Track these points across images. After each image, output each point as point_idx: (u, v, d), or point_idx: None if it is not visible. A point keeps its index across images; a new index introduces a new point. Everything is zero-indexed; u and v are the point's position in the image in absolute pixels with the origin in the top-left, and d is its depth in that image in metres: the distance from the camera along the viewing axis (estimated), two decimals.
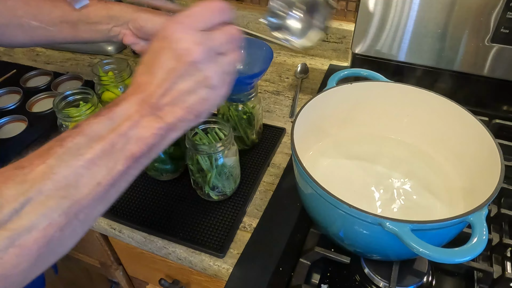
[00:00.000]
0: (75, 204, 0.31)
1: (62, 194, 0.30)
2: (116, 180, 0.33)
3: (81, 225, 0.33)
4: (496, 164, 0.47)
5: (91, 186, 0.32)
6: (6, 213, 0.28)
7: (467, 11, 0.69)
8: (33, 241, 0.29)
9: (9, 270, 0.28)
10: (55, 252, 0.32)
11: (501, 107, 0.78)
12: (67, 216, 0.30)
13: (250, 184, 0.66)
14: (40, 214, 0.29)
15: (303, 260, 0.55)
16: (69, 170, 0.31)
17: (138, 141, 0.34)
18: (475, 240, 0.39)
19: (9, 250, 0.28)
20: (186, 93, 0.35)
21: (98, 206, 0.33)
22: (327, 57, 1.00)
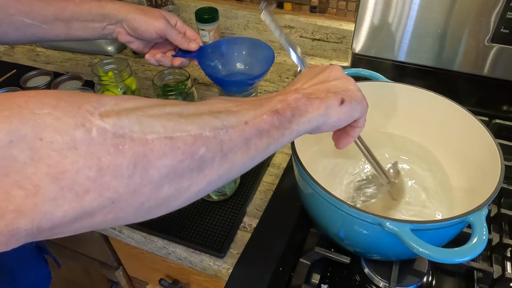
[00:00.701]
0: (224, 128, 0.32)
1: (215, 115, 0.32)
2: (261, 128, 0.35)
3: (222, 159, 0.32)
4: (496, 164, 0.47)
5: (239, 120, 0.33)
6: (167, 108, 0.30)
7: (467, 11, 0.69)
8: (183, 141, 0.29)
9: (153, 156, 0.27)
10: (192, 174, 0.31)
11: (501, 107, 0.78)
12: (215, 136, 0.31)
13: (250, 184, 0.66)
14: (194, 121, 0.30)
15: (303, 260, 0.55)
16: (222, 104, 0.34)
17: (282, 101, 0.37)
18: (475, 240, 0.39)
19: (161, 136, 0.28)
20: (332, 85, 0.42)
21: (239, 149, 0.33)
22: (327, 57, 1.00)
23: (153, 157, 0.27)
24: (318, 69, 0.44)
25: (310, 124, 0.38)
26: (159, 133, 0.28)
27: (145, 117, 0.28)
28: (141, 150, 0.27)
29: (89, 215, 0.26)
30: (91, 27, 0.64)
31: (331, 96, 0.39)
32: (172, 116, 0.29)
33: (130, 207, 0.28)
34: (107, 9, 0.63)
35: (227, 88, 0.66)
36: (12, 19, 0.62)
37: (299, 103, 0.37)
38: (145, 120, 0.28)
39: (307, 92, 0.39)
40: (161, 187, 0.29)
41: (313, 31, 0.97)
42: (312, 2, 0.96)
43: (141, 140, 0.27)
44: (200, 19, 0.91)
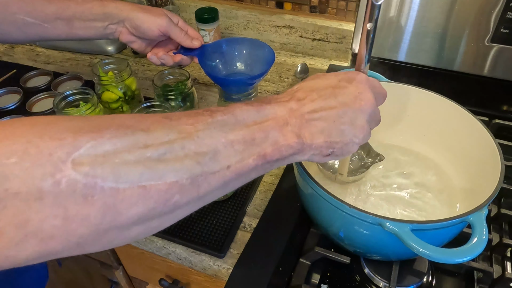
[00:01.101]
0: (203, 175, 0.30)
1: (198, 159, 0.30)
2: (241, 172, 0.33)
3: (197, 201, 0.32)
4: (496, 164, 0.47)
5: (222, 165, 0.31)
6: (148, 152, 0.28)
7: (467, 11, 0.69)
8: (157, 190, 0.28)
9: (123, 206, 0.27)
10: (164, 217, 0.31)
11: (501, 107, 0.78)
12: (192, 182, 0.30)
13: (250, 184, 0.66)
14: (174, 167, 0.29)
15: (303, 260, 0.55)
16: (212, 141, 0.31)
17: (274, 144, 0.34)
18: (475, 240, 0.39)
19: (135, 186, 0.27)
20: (339, 131, 0.37)
21: (216, 191, 0.33)
22: (327, 57, 1.00)
23: (123, 207, 0.27)
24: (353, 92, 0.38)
25: (286, 164, 0.38)
26: (133, 182, 0.27)
27: (122, 165, 0.26)
28: (111, 201, 0.26)
29: (53, 255, 0.26)
30: (92, 27, 0.64)
31: (323, 147, 0.36)
32: (151, 162, 0.28)
33: (97, 246, 0.28)
34: (109, 8, 0.63)
35: (227, 88, 0.66)
36: (13, 17, 0.62)
37: (289, 151, 0.35)
38: (121, 169, 0.26)
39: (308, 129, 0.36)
40: (129, 229, 0.29)
41: (313, 31, 0.97)
42: (312, 2, 0.96)
43: (112, 190, 0.26)
44: (200, 19, 0.91)
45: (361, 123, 0.38)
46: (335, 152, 0.37)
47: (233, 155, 0.32)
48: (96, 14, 0.63)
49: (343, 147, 0.37)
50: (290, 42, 1.02)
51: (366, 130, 0.38)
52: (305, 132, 0.36)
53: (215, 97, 0.88)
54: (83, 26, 0.64)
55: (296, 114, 0.36)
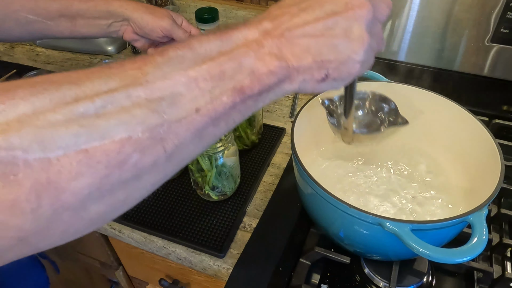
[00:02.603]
0: (165, 124, 0.24)
1: (153, 107, 0.24)
2: (217, 114, 0.26)
3: (167, 160, 0.25)
4: (496, 164, 0.47)
5: (189, 110, 0.25)
6: (81, 106, 0.22)
7: (467, 11, 0.69)
8: (104, 152, 0.22)
9: (63, 180, 0.21)
10: (128, 185, 0.24)
11: (501, 107, 0.78)
12: (152, 136, 0.24)
13: (250, 184, 0.66)
14: (121, 121, 0.23)
15: (303, 260, 0.55)
16: (166, 83, 0.25)
17: (252, 74, 0.27)
18: (475, 240, 0.39)
19: (70, 151, 0.21)
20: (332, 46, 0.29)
21: (190, 143, 0.26)
22: None
23: (63, 181, 0.21)
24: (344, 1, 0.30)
25: (277, 97, 0.30)
26: (68, 147, 0.21)
27: (47, 128, 0.20)
28: (43, 177, 0.20)
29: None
30: (96, 24, 0.64)
31: (314, 69, 0.29)
32: (87, 119, 0.22)
33: (49, 238, 0.23)
34: (113, 6, 0.63)
35: None
36: (16, 15, 0.61)
37: (272, 78, 0.28)
38: (47, 133, 0.20)
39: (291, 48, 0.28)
40: (85, 209, 0.23)
41: None
42: None
43: (42, 162, 0.20)
44: (200, 19, 0.91)
45: (359, 33, 0.29)
46: (331, 75, 0.30)
47: (201, 95, 0.25)
48: (100, 11, 0.63)
49: (340, 67, 0.30)
50: None
51: (366, 42, 0.30)
52: (287, 52, 0.28)
53: None
54: (87, 24, 0.64)
55: (272, 34, 0.28)
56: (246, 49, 0.27)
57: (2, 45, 1.11)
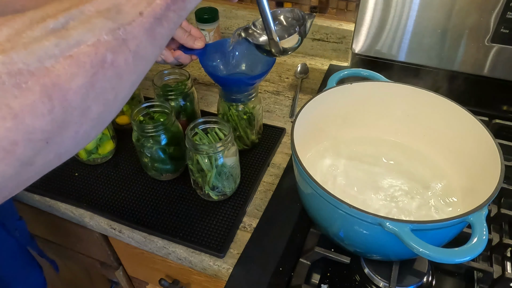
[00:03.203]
0: (121, 28, 0.29)
1: (105, 15, 0.29)
2: (157, 15, 0.32)
3: (134, 58, 0.30)
4: (496, 164, 0.47)
5: (134, 14, 0.30)
6: (50, 23, 0.26)
7: (467, 11, 0.69)
8: (84, 54, 0.26)
9: (63, 81, 0.25)
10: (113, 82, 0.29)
11: (501, 107, 0.78)
12: (115, 38, 0.28)
13: (250, 184, 0.66)
14: (86, 29, 0.27)
15: (303, 260, 0.55)
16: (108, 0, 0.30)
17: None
18: (475, 240, 0.39)
19: (60, 59, 0.25)
20: None
21: (146, 42, 0.31)
22: (327, 57, 1.00)
23: (63, 82, 0.25)
24: None
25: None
26: (56, 55, 0.25)
27: (33, 43, 0.25)
28: (48, 81, 0.24)
29: (29, 164, 0.25)
30: None
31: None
32: (59, 32, 0.26)
33: (67, 140, 0.27)
34: None
35: (228, 88, 0.66)
36: None
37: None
38: (35, 47, 0.25)
39: None
40: (88, 108, 0.27)
41: (313, 31, 0.97)
42: (312, 2, 0.96)
43: (42, 70, 0.24)
44: (200, 19, 0.91)
45: None
46: None
47: (138, 2, 0.31)
48: None
49: None
50: None
51: None
52: None
53: (215, 97, 0.88)
54: None
55: None
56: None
57: None
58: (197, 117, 0.75)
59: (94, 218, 0.65)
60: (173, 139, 0.64)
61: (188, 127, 0.59)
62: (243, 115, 0.68)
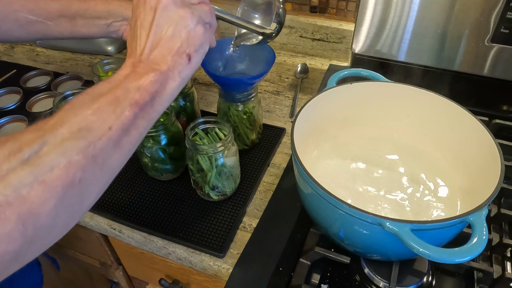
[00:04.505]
0: (91, 145, 0.32)
1: (77, 136, 0.31)
2: (126, 126, 0.35)
3: (101, 171, 0.33)
4: (496, 164, 0.47)
5: (103, 129, 0.33)
6: (25, 152, 0.29)
7: (467, 11, 0.69)
8: (57, 178, 0.29)
9: (36, 207, 0.28)
10: (79, 197, 0.32)
11: (501, 107, 0.78)
12: (85, 156, 0.31)
13: (250, 184, 0.66)
14: (59, 153, 0.30)
15: (303, 260, 0.55)
16: (79, 117, 0.33)
17: (139, 89, 0.36)
18: (475, 240, 0.39)
19: (34, 185, 0.28)
20: (170, 39, 0.39)
21: (113, 153, 0.34)
22: (327, 57, 1.00)
23: (37, 207, 0.28)
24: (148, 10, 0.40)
25: (172, 95, 0.39)
26: (30, 183, 0.28)
27: (9, 174, 0.27)
28: (23, 209, 0.27)
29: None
30: (96, 24, 0.64)
31: (178, 59, 0.39)
32: (34, 160, 0.29)
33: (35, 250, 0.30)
34: (113, 6, 0.63)
35: (227, 87, 0.66)
36: (16, 15, 0.61)
37: (156, 85, 0.37)
38: (12, 177, 0.27)
39: (154, 62, 0.39)
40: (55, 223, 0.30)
41: (313, 31, 0.97)
42: (312, 2, 0.96)
43: (18, 199, 0.27)
44: None
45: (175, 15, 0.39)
46: (190, 52, 0.40)
47: (107, 117, 0.34)
48: (100, 11, 0.63)
49: (189, 42, 0.40)
50: (290, 42, 1.02)
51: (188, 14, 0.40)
52: (154, 65, 0.38)
53: (215, 97, 0.88)
54: (86, 23, 0.64)
55: (136, 63, 0.39)
56: (127, 79, 0.37)
57: (2, 45, 1.11)
58: (197, 117, 0.75)
59: (94, 218, 0.65)
60: (173, 139, 0.64)
61: (188, 127, 0.59)
62: (243, 115, 0.68)
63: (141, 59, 0.39)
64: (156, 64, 0.38)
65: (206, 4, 0.43)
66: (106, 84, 0.36)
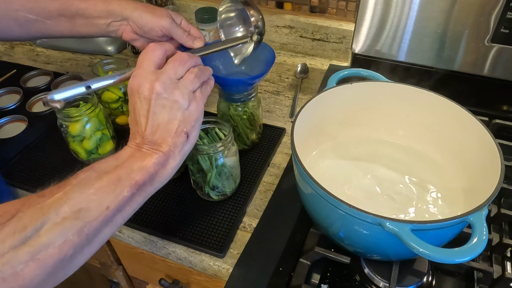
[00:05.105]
0: (87, 225, 0.35)
1: (76, 216, 0.35)
2: (122, 205, 0.38)
3: (89, 245, 0.37)
4: (496, 164, 0.47)
5: (101, 209, 0.36)
6: (29, 231, 0.33)
7: (467, 11, 0.69)
8: (49, 256, 0.33)
9: (27, 282, 0.31)
10: (65, 270, 0.35)
11: (501, 107, 0.78)
12: (79, 235, 0.35)
13: (250, 184, 0.66)
14: (57, 232, 0.33)
15: (303, 260, 0.55)
16: (82, 196, 0.36)
17: (141, 170, 0.40)
18: (475, 240, 0.39)
19: (29, 263, 0.31)
20: (167, 122, 0.42)
21: (105, 229, 0.38)
22: (327, 57, 1.00)
23: (27, 282, 0.32)
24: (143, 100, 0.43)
25: (171, 172, 0.43)
26: (26, 261, 0.31)
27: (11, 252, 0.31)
28: (16, 284, 0.31)
29: None
30: (95, 24, 0.64)
31: (177, 140, 0.42)
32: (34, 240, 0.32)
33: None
34: (113, 5, 0.63)
35: (227, 88, 0.66)
36: (15, 14, 0.61)
37: (157, 167, 0.41)
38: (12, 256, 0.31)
39: (156, 143, 0.42)
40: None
41: (313, 31, 0.97)
42: (312, 2, 0.96)
43: (13, 276, 0.31)
44: (200, 19, 0.91)
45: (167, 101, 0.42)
46: (188, 130, 0.43)
47: (107, 197, 0.37)
48: (100, 11, 0.63)
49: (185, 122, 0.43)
50: (290, 42, 1.02)
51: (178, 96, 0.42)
52: (156, 146, 0.42)
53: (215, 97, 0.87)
54: (86, 23, 0.63)
55: (140, 144, 0.42)
56: (132, 158, 0.41)
57: (2, 45, 1.11)
58: None
59: None
60: None
61: None
62: (243, 115, 0.68)
63: (145, 141, 0.42)
64: (159, 146, 0.42)
65: (191, 71, 0.45)
66: (113, 161, 0.40)
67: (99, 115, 0.67)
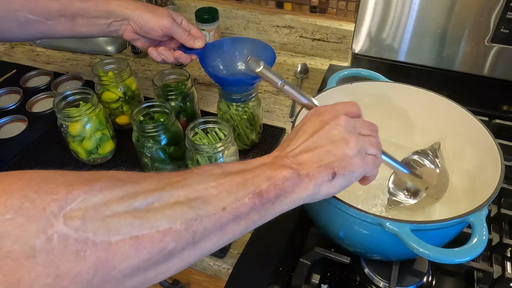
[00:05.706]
0: (198, 219, 0.30)
1: (190, 204, 0.30)
2: (239, 213, 0.33)
3: (191, 248, 0.31)
4: (496, 164, 0.47)
5: (217, 207, 0.32)
6: (138, 200, 0.28)
7: (467, 11, 0.69)
8: (150, 240, 0.28)
9: (117, 260, 0.26)
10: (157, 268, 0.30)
11: (501, 107, 0.78)
12: (186, 228, 0.30)
13: None
14: (165, 215, 0.29)
15: (303, 260, 0.55)
16: (202, 186, 0.32)
17: (269, 179, 0.34)
18: (475, 240, 0.39)
19: (126, 238, 0.27)
20: (325, 152, 0.37)
21: (212, 237, 0.32)
22: (327, 57, 1.00)
23: (116, 260, 0.26)
24: (319, 121, 0.40)
25: (295, 203, 0.37)
26: (125, 233, 0.27)
27: (112, 217, 0.27)
28: (104, 255, 0.26)
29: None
30: (96, 24, 0.64)
31: (322, 172, 0.36)
32: (140, 212, 0.28)
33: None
34: (113, 5, 0.63)
35: (228, 88, 0.66)
36: (15, 15, 0.61)
37: (286, 183, 0.35)
38: (111, 221, 0.26)
39: (298, 162, 0.37)
40: (123, 283, 0.28)
41: (313, 31, 0.97)
42: (312, 2, 0.96)
43: (105, 244, 0.26)
44: (200, 19, 0.91)
45: (340, 135, 0.38)
46: (338, 172, 0.37)
47: (227, 196, 0.32)
48: (100, 11, 0.63)
49: (341, 164, 0.37)
50: (290, 42, 1.02)
51: (352, 141, 0.38)
52: (296, 165, 0.36)
53: (215, 97, 0.88)
54: (86, 23, 0.63)
55: (280, 156, 0.37)
56: (263, 166, 0.36)
57: (2, 45, 1.11)
58: (197, 117, 0.75)
59: None
60: (173, 139, 0.64)
61: (188, 127, 0.59)
62: (243, 115, 0.68)
63: (287, 154, 0.38)
64: (299, 165, 0.36)
65: (375, 137, 0.42)
66: (241, 165, 0.36)
67: (99, 115, 0.67)
